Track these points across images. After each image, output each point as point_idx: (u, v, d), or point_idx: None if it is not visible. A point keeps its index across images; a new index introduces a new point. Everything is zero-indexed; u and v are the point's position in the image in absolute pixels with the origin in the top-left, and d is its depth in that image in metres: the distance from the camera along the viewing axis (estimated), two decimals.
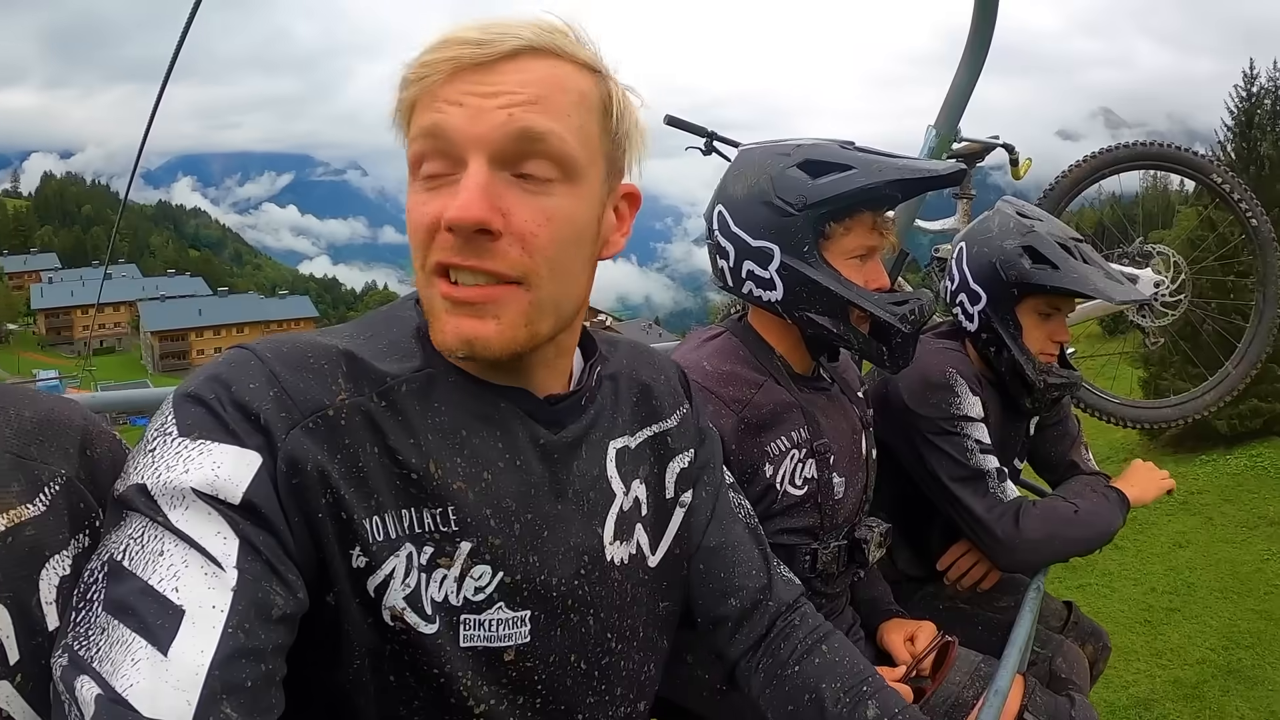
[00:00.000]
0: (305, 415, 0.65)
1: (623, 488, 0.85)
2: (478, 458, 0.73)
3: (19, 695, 0.60)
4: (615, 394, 0.88)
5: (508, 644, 0.73)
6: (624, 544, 0.84)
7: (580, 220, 0.73)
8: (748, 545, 0.99)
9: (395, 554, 0.67)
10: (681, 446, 0.94)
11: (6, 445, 0.64)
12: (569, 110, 0.70)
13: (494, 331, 0.70)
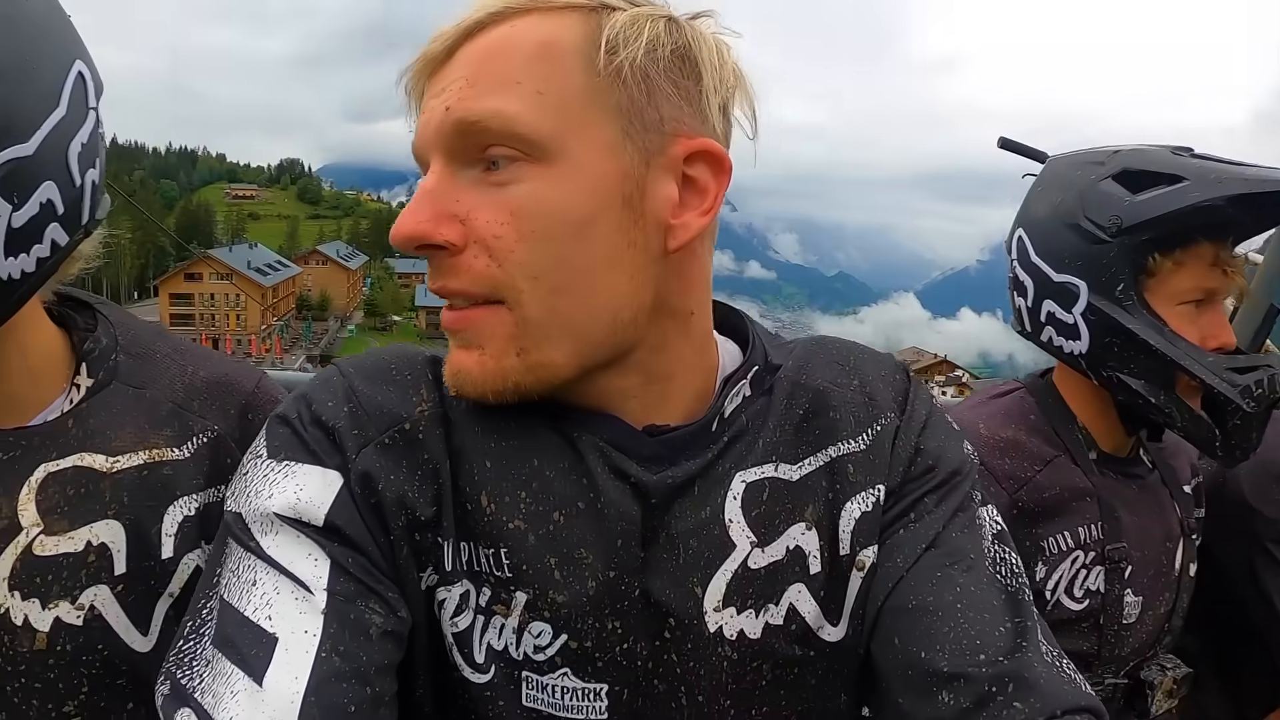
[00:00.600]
0: (381, 431, 0.59)
1: (750, 537, 0.62)
2: (549, 494, 0.60)
3: (115, 601, 0.67)
4: (767, 409, 0.66)
5: (578, 717, 0.60)
6: (748, 613, 0.62)
7: (566, 207, 0.55)
8: (989, 605, 0.61)
9: (450, 587, 0.60)
10: (866, 480, 0.65)
11: (172, 396, 0.73)
12: (518, 74, 0.54)
13: (475, 363, 0.57)
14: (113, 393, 0.71)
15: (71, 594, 0.66)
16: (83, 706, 0.66)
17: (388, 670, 0.55)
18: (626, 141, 0.56)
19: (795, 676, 0.63)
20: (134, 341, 0.75)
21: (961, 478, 0.68)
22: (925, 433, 0.68)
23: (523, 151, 0.54)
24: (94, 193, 0.67)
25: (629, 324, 0.58)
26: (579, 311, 0.56)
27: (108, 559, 0.67)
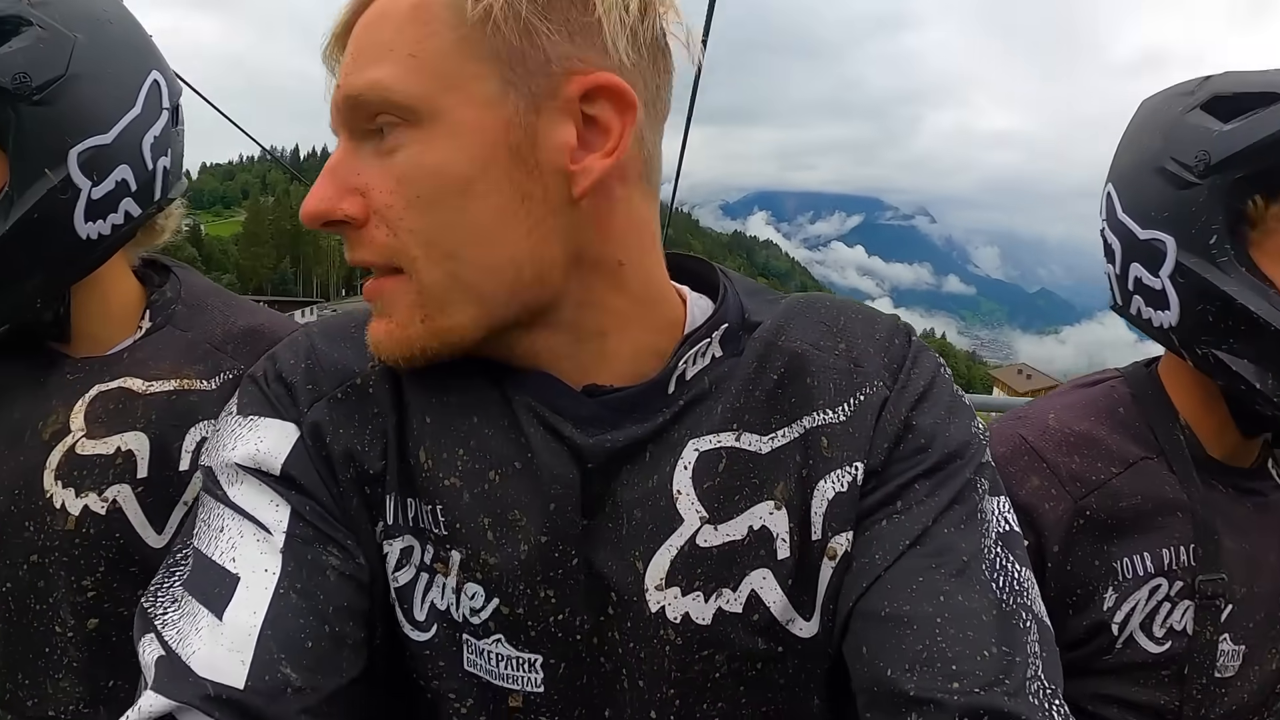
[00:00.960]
0: (334, 386, 0.60)
1: (700, 512, 0.57)
2: (488, 452, 0.58)
3: (135, 500, 0.80)
4: (733, 371, 0.60)
5: (514, 687, 0.57)
6: (694, 595, 0.57)
7: (446, 168, 0.52)
8: (975, 621, 0.52)
9: (392, 541, 0.59)
10: (843, 456, 0.58)
11: (210, 339, 0.87)
12: (391, 40, 0.52)
13: (384, 331, 0.56)
14: (164, 334, 0.87)
15: (99, 488, 0.79)
16: (99, 584, 0.78)
17: (346, 612, 0.55)
18: (509, 90, 0.52)
19: (759, 673, 0.57)
20: (192, 295, 0.91)
21: (962, 462, 0.58)
22: (920, 406, 0.59)
23: (401, 117, 0.52)
24: (165, 176, 0.84)
25: (534, 280, 0.55)
26: (476, 273, 0.54)
27: (132, 463, 0.80)
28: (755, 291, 0.67)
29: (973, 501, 0.58)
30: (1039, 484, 0.79)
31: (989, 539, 0.57)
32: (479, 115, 0.52)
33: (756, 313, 0.63)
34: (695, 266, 0.68)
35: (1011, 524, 0.59)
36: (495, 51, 0.51)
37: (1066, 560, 0.77)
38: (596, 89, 0.52)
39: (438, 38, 0.51)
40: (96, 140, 0.77)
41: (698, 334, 0.60)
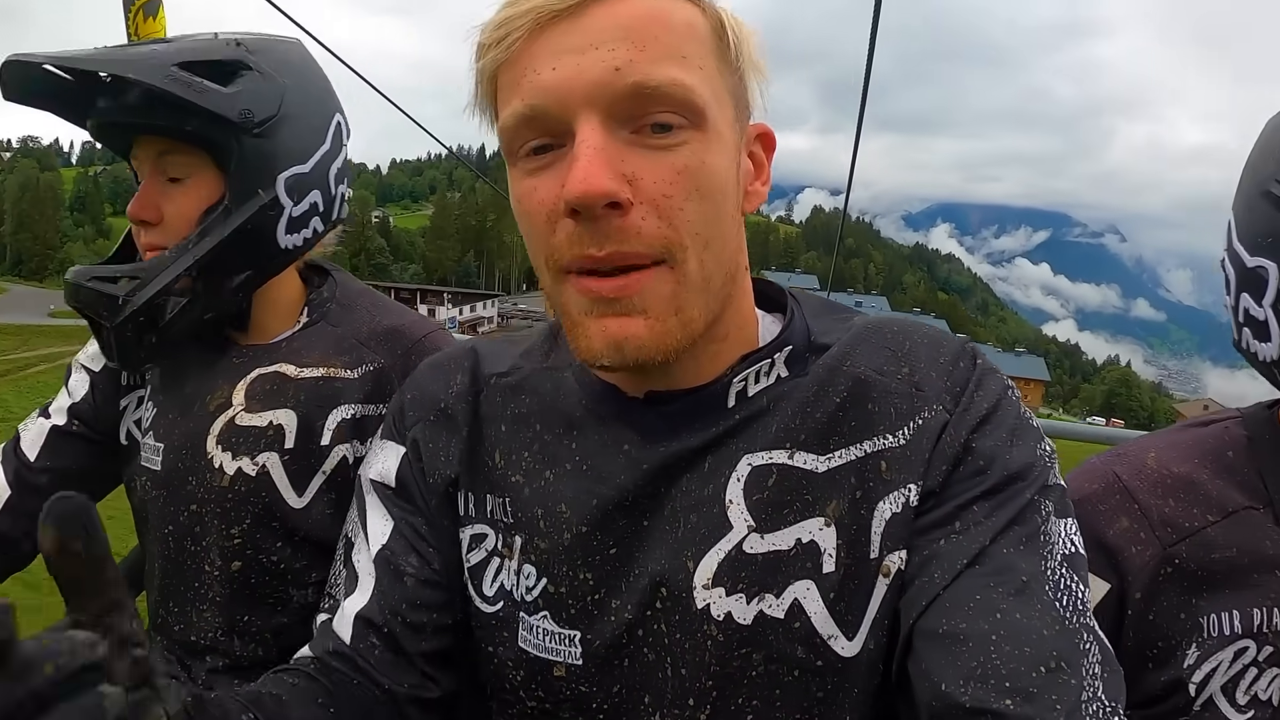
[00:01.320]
0: (428, 412, 0.74)
1: (748, 521, 0.61)
2: (546, 455, 0.68)
3: (281, 466, 0.95)
4: (792, 393, 0.64)
5: (557, 659, 0.66)
6: (737, 596, 0.61)
7: (718, 170, 0.58)
8: (1033, 637, 0.54)
9: (465, 529, 0.72)
10: (900, 479, 0.61)
11: (357, 334, 1.00)
12: (682, 48, 0.56)
13: (644, 329, 0.57)
14: (318, 328, 1.01)
15: (252, 454, 0.95)
16: (244, 534, 0.95)
17: (419, 606, 0.70)
18: (736, 120, 0.61)
19: (796, 680, 0.61)
20: (345, 296, 1.05)
21: (1024, 484, 0.60)
22: (982, 429, 0.61)
23: (689, 119, 0.56)
24: (341, 200, 1.01)
25: (732, 279, 0.62)
26: (716, 266, 0.60)
27: (281, 435, 0.95)
28: (825, 311, 0.71)
29: (1034, 523, 0.59)
30: (1128, 526, 0.73)
31: (1053, 560, 0.58)
32: (730, 133, 0.60)
33: (825, 334, 0.67)
34: (766, 289, 0.74)
35: (1077, 546, 0.60)
36: (733, 89, 0.61)
37: (1149, 610, 0.72)
38: (763, 134, 0.66)
39: (710, 62, 0.59)
40: (298, 169, 0.94)
41: (759, 354, 0.65)
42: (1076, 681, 0.52)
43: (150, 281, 0.89)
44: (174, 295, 0.90)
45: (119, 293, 0.89)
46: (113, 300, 0.89)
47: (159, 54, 0.85)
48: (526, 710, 0.68)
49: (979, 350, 0.67)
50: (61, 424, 1.05)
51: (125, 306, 0.88)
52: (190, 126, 0.87)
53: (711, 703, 0.62)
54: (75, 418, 1.05)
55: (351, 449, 0.96)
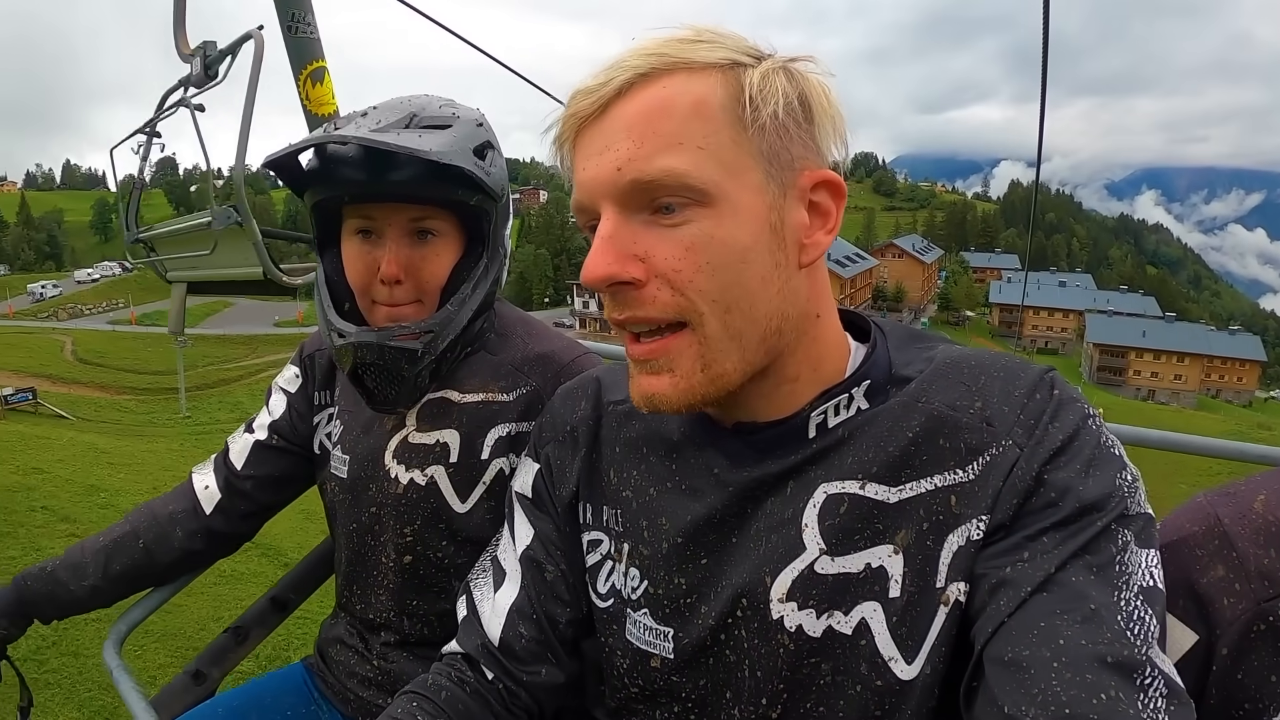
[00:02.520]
0: (557, 433, 0.87)
1: (820, 544, 0.67)
2: (652, 475, 0.78)
3: (446, 477, 1.09)
4: (869, 426, 0.69)
5: (654, 651, 0.76)
6: (808, 611, 0.67)
7: (732, 240, 0.64)
8: (1094, 664, 0.55)
9: (585, 534, 0.84)
10: (969, 513, 0.63)
11: (513, 361, 1.10)
12: (680, 134, 0.63)
13: (668, 385, 0.67)
14: (479, 357, 1.12)
15: (422, 466, 1.11)
16: (415, 533, 1.10)
17: (556, 600, 0.84)
18: (769, 180, 0.65)
19: (858, 694, 0.66)
20: (503, 325, 1.15)
21: (1099, 514, 0.60)
22: (1055, 462, 0.62)
23: (693, 199, 0.63)
24: None
25: (778, 331, 0.67)
26: (745, 325, 0.65)
27: (447, 451, 1.08)
28: (910, 342, 0.75)
29: (1109, 552, 0.59)
30: (1223, 575, 0.66)
31: (1128, 591, 0.58)
32: (752, 199, 0.64)
33: (907, 365, 0.71)
34: (855, 319, 0.78)
35: (1157, 580, 0.59)
36: (761, 150, 0.64)
37: (1237, 668, 0.64)
38: (822, 182, 0.67)
39: (720, 134, 0.63)
40: (509, 224, 1.10)
41: (838, 389, 0.70)
42: (1136, 711, 0.52)
43: (443, 333, 1.03)
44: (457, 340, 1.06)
45: (417, 346, 1.02)
46: (413, 353, 1.02)
47: (460, 141, 0.99)
48: (630, 695, 0.79)
49: (1059, 380, 0.67)
50: (263, 438, 1.24)
51: (425, 357, 1.03)
52: (474, 201, 1.01)
53: (783, 703, 0.69)
54: (275, 433, 1.23)
55: (508, 462, 1.08)
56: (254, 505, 1.24)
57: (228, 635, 1.39)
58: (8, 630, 1.18)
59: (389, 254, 1.02)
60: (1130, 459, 0.65)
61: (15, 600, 1.18)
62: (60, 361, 42.79)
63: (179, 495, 1.24)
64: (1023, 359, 0.70)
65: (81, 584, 1.19)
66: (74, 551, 1.21)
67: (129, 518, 1.24)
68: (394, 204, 1.01)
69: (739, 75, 0.64)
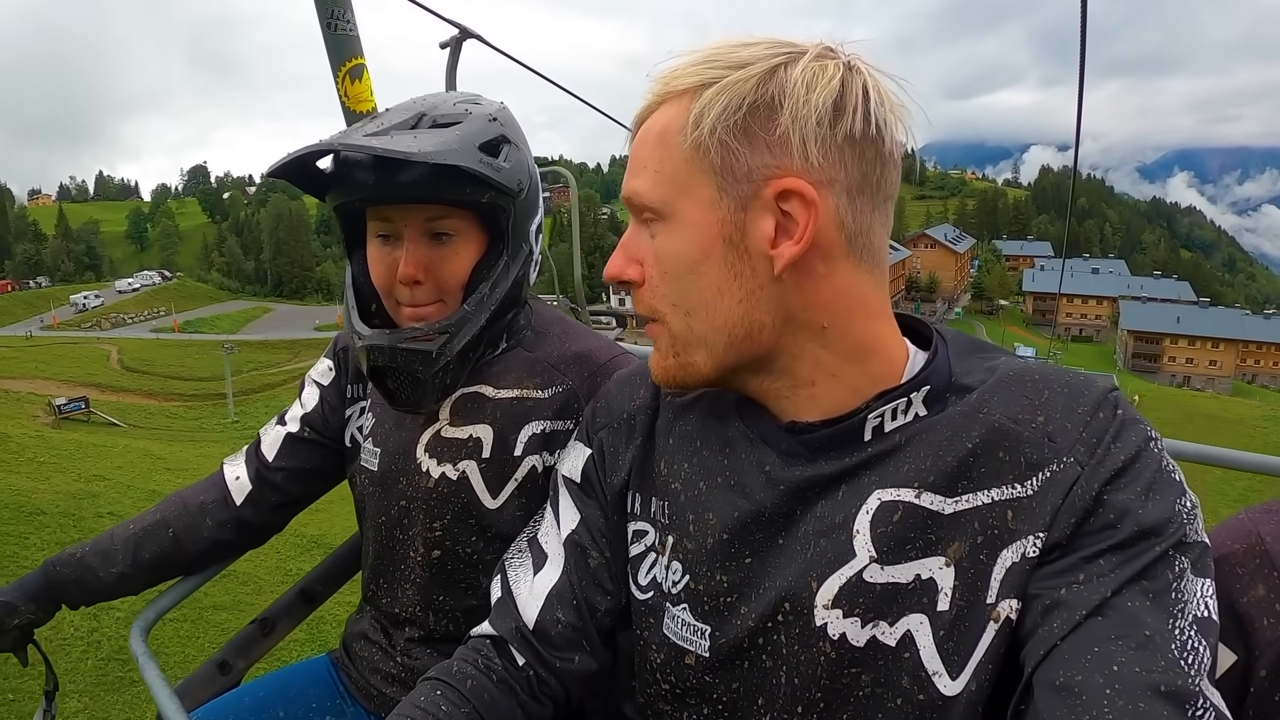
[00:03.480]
0: (611, 420, 0.87)
1: (870, 551, 0.66)
2: (703, 468, 0.78)
3: (478, 472, 1.08)
4: (928, 434, 0.67)
5: (690, 649, 0.75)
6: (853, 619, 0.66)
7: (682, 252, 0.69)
8: (1148, 694, 0.54)
9: (630, 523, 0.83)
10: (1025, 529, 0.62)
11: (549, 359, 1.10)
12: (646, 159, 0.70)
13: (655, 361, 0.76)
14: (515, 354, 1.12)
15: (454, 461, 1.10)
16: (445, 528, 1.10)
17: (597, 587, 0.83)
18: (722, 195, 0.67)
19: (898, 708, 0.64)
20: (540, 323, 1.16)
21: (1158, 540, 0.59)
22: (1115, 483, 0.61)
23: (654, 215, 0.70)
24: None
25: (747, 337, 0.70)
26: (704, 328, 0.70)
27: (479, 446, 1.08)
28: (973, 351, 0.73)
29: (1165, 579, 0.58)
30: (1263, 594, 0.66)
31: (1183, 619, 0.57)
32: (702, 214, 0.68)
33: (968, 374, 0.70)
34: (917, 325, 0.78)
35: (1211, 610, 0.58)
36: (710, 166, 0.66)
37: (1275, 690, 0.64)
38: (785, 191, 0.65)
39: (673, 157, 0.68)
40: (537, 218, 1.10)
41: (895, 392, 0.69)
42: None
43: (458, 334, 1.02)
44: (477, 341, 1.05)
45: (431, 348, 1.02)
46: (427, 355, 1.02)
47: (465, 139, 0.97)
48: (661, 691, 0.78)
49: (1123, 399, 0.66)
50: (295, 430, 1.24)
51: (440, 358, 1.02)
52: (485, 199, 0.99)
53: (819, 712, 0.67)
54: (307, 425, 1.23)
55: (541, 460, 1.07)
56: (284, 497, 1.24)
57: (254, 626, 1.40)
58: (35, 615, 1.18)
59: (406, 255, 1.01)
60: None
61: (44, 585, 1.18)
62: (107, 370, 44.03)
63: (210, 485, 1.24)
64: (1087, 375, 0.69)
65: (110, 570, 1.18)
66: (104, 538, 1.21)
67: (159, 506, 1.24)
68: (409, 205, 1.00)
69: (697, 97, 0.67)
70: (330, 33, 1.54)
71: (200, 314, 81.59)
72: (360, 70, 1.58)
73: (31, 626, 1.19)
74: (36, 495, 7.22)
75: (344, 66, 1.56)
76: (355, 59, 1.56)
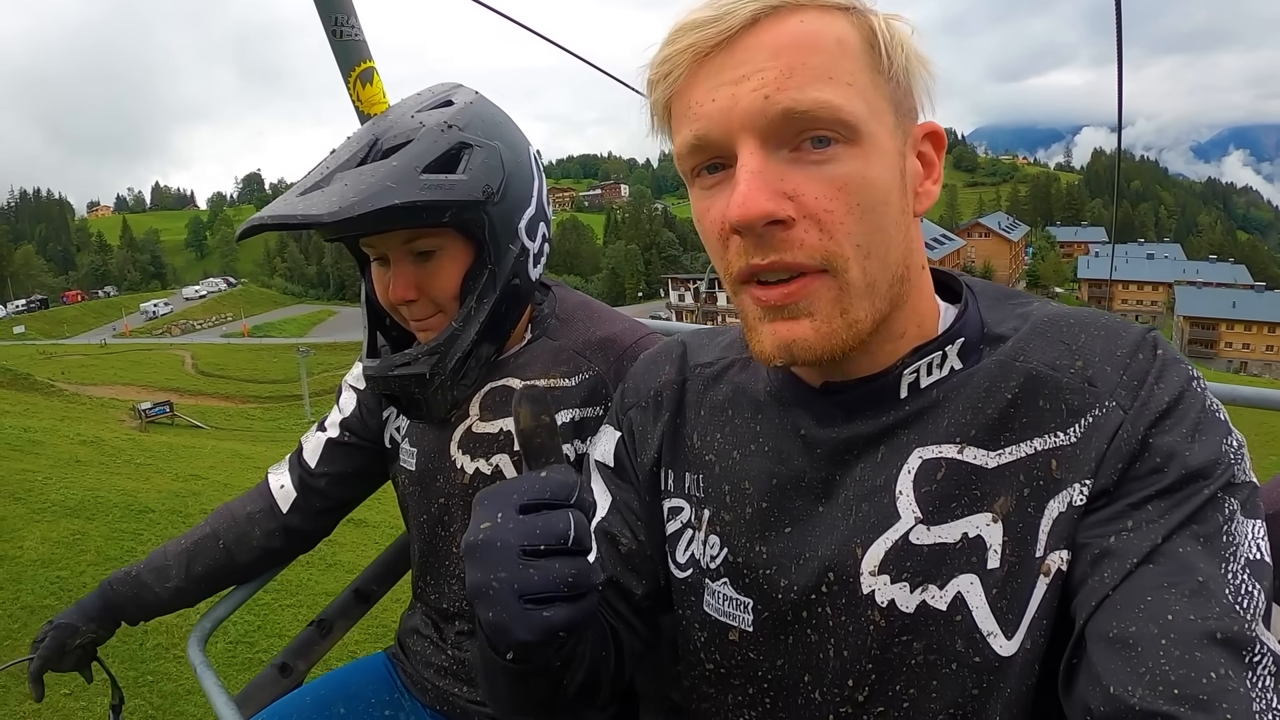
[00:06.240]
0: (640, 399, 0.85)
1: (915, 512, 0.64)
2: (735, 437, 0.76)
3: (511, 464, 1.08)
4: (965, 387, 0.66)
5: (732, 624, 0.73)
6: (902, 584, 0.64)
7: (879, 181, 0.61)
8: (1204, 640, 0.52)
9: (666, 500, 0.81)
10: (1071, 477, 0.60)
11: (574, 346, 1.10)
12: (830, 68, 0.60)
13: (810, 330, 0.62)
14: (541, 343, 1.12)
15: (486, 456, 1.09)
16: None
17: (632, 572, 0.82)
18: (897, 126, 0.63)
19: (953, 673, 0.62)
20: (564, 310, 1.15)
21: (1206, 482, 0.57)
22: (1160, 425, 0.59)
23: (842, 135, 0.60)
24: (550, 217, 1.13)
25: (902, 279, 0.65)
26: (880, 271, 0.62)
27: (510, 439, 1.08)
28: (1002, 300, 0.71)
29: (1216, 521, 0.56)
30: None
31: (1235, 563, 0.55)
32: (890, 141, 0.63)
33: (1000, 323, 0.68)
34: (946, 279, 0.75)
35: (1264, 552, 0.56)
36: (892, 96, 0.63)
37: None
38: (930, 133, 0.67)
39: (862, 75, 0.61)
40: (528, 211, 1.05)
41: (930, 346, 0.67)
42: (1246, 690, 0.50)
43: (449, 352, 1.03)
44: (471, 354, 1.05)
45: (424, 369, 1.03)
46: (421, 378, 1.03)
47: (403, 169, 0.93)
48: (705, 673, 0.77)
49: (1161, 339, 0.64)
50: (335, 436, 1.24)
51: (435, 378, 1.03)
52: (446, 219, 0.96)
53: (870, 685, 0.65)
54: (346, 429, 1.24)
55: (573, 448, 1.06)
56: (329, 502, 1.26)
57: (312, 629, 1.42)
58: (96, 633, 1.21)
59: (394, 277, 1.03)
60: None
61: (102, 605, 1.22)
62: (183, 375, 45.55)
63: (256, 496, 1.27)
64: (1122, 317, 0.67)
65: (165, 586, 1.22)
66: (157, 555, 1.25)
67: (209, 520, 1.27)
68: (387, 231, 1.00)
69: (868, 20, 0.63)
70: (337, 40, 1.50)
71: (267, 318, 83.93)
72: (370, 74, 1.55)
73: (94, 645, 1.22)
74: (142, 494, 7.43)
75: (354, 72, 1.52)
76: (364, 63, 1.53)
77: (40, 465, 8.70)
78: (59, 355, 49.28)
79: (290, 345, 53.53)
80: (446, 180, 0.96)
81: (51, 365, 43.17)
